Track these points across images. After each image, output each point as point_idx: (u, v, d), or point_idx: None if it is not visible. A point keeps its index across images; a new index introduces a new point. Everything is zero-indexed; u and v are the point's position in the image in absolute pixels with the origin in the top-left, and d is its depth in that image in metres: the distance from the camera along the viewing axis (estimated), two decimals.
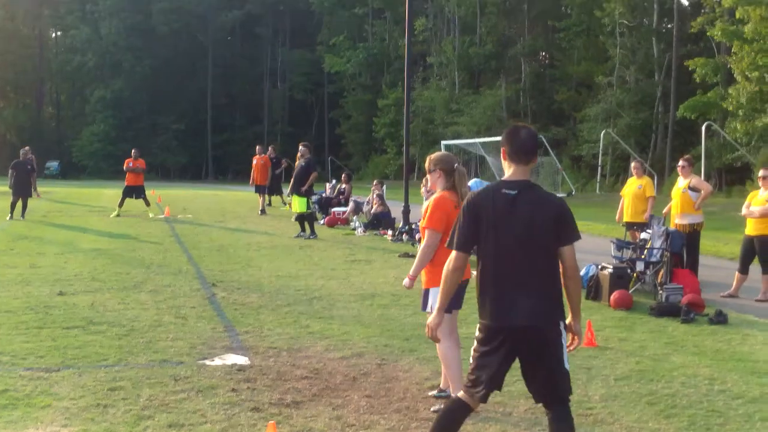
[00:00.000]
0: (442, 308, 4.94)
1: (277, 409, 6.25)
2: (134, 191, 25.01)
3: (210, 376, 7.11)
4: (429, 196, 20.79)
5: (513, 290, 4.48)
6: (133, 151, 25.88)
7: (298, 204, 19.31)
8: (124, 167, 25.44)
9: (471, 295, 5.40)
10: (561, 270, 4.57)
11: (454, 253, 4.67)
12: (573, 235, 4.56)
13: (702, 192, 12.83)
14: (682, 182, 13.09)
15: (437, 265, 6.27)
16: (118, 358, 7.71)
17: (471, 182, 17.55)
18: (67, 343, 8.18)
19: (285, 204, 28.06)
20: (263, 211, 26.11)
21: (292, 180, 19.83)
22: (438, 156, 6.70)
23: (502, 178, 4.66)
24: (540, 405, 6.33)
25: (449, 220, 6.26)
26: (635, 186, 14.40)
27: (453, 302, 6.38)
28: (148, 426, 5.82)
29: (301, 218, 19.58)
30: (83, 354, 7.81)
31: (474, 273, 4.92)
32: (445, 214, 6.33)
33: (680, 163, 13.46)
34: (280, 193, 29.20)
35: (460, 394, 4.76)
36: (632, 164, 15.50)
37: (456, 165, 6.57)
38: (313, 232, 19.31)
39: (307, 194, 19.48)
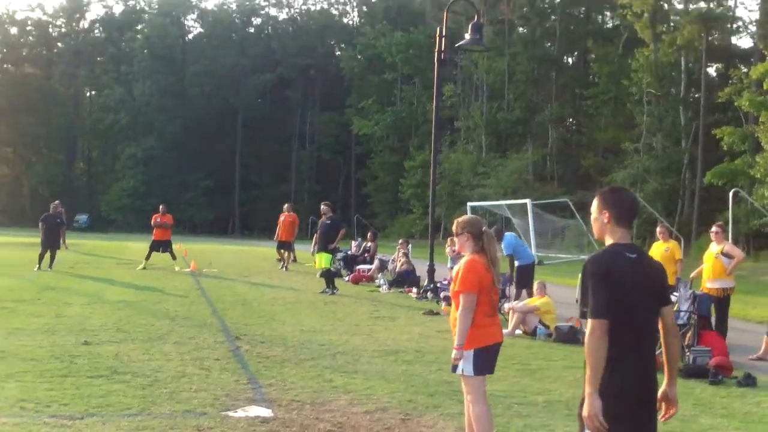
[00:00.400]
0: (596, 389, 4.19)
1: None
2: (161, 245, 25.20)
3: (233, 428, 7.06)
4: (455, 257, 20.73)
5: (641, 355, 4.34)
6: (161, 206, 26.15)
7: (324, 260, 19.44)
8: (152, 222, 25.71)
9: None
10: (662, 330, 4.50)
11: (595, 321, 4.19)
12: (670, 294, 4.53)
13: (735, 258, 12.82)
14: (715, 247, 13.08)
15: (473, 328, 6.25)
16: (142, 407, 7.67)
17: (507, 234, 17.53)
18: (91, 392, 8.16)
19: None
20: (286, 267, 26.22)
21: (316, 238, 19.98)
22: (465, 219, 6.65)
23: (616, 242, 4.43)
24: None
25: (482, 282, 6.24)
26: (662, 249, 14.40)
27: (488, 367, 6.37)
28: None
29: (327, 274, 19.67)
30: (107, 403, 7.78)
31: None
32: (477, 277, 6.26)
33: (713, 228, 13.49)
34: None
35: None
36: (658, 228, 15.48)
37: (484, 228, 6.53)
38: (334, 287, 19.37)
39: (333, 251, 19.63)
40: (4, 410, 7.38)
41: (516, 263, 17.28)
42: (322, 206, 20.40)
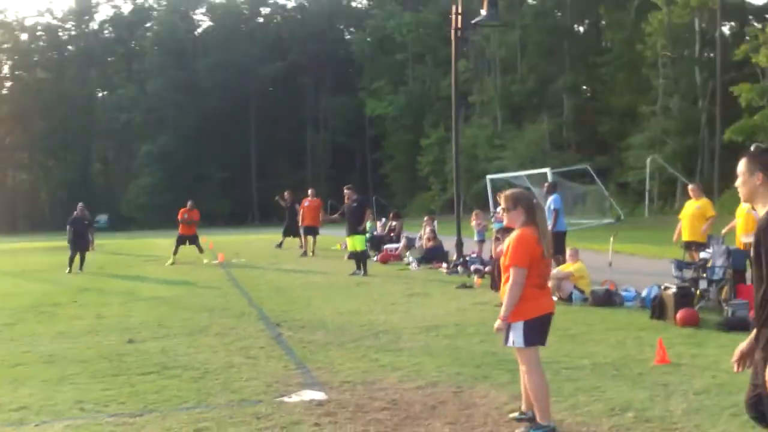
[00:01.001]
0: None
1: None
2: (188, 239, 25.38)
3: (290, 413, 7.15)
4: (482, 230, 20.64)
5: None
6: (189, 202, 26.12)
7: (358, 242, 19.64)
8: (179, 218, 25.72)
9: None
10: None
11: None
12: None
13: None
14: (746, 203, 13.03)
15: (522, 300, 6.29)
16: (198, 400, 7.77)
17: (551, 198, 17.42)
18: (146, 389, 8.26)
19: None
20: (305, 254, 26.36)
21: (347, 221, 20.10)
22: (515, 193, 6.63)
23: None
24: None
25: (533, 256, 6.27)
26: (694, 207, 14.46)
27: (538, 338, 6.39)
28: None
29: (355, 256, 19.78)
30: (163, 398, 7.88)
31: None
32: (528, 250, 6.28)
33: None
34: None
35: None
36: (690, 186, 15.46)
37: (535, 200, 6.58)
38: (366, 268, 19.48)
39: (363, 232, 19.80)
40: (65, 413, 7.47)
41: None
42: (345, 190, 20.52)
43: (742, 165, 4.42)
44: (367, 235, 23.35)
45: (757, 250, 4.20)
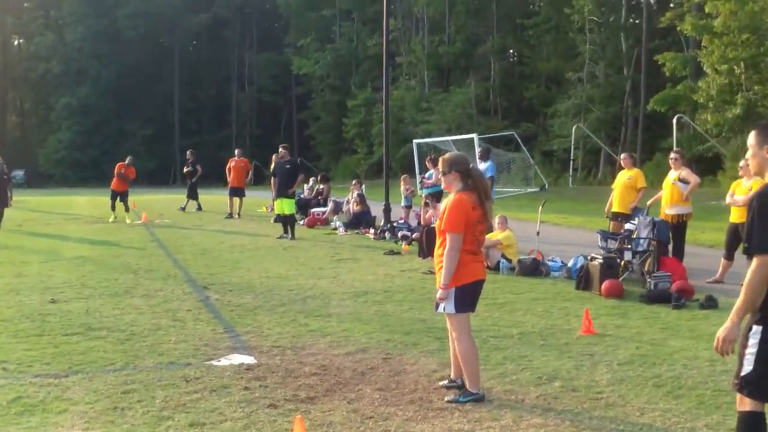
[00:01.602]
0: (741, 319, 4.30)
1: (294, 404, 6.30)
2: (119, 195, 25.16)
3: (220, 376, 7.14)
4: (410, 195, 20.68)
5: None
6: (128, 158, 26.25)
7: (286, 206, 19.41)
8: (116, 171, 25.53)
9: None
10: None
11: (764, 258, 4.13)
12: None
13: (690, 184, 13.08)
14: (672, 174, 13.36)
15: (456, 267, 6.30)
16: (125, 362, 7.71)
17: (485, 165, 17.47)
18: (71, 349, 8.16)
19: (201, 209, 28.83)
20: (230, 215, 26.09)
21: (277, 183, 19.88)
22: (451, 157, 6.56)
23: None
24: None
25: (468, 221, 6.26)
26: (625, 177, 14.56)
27: (469, 304, 6.43)
28: (170, 426, 5.84)
29: (283, 219, 19.66)
30: (89, 359, 7.79)
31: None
32: (464, 215, 6.25)
33: (672, 155, 13.76)
34: (192, 196, 29.58)
35: (750, 406, 4.39)
36: (622, 156, 15.62)
37: (472, 165, 6.52)
38: (294, 233, 19.37)
39: (293, 195, 19.66)
40: None
41: None
42: (280, 149, 20.36)
43: (751, 138, 4.45)
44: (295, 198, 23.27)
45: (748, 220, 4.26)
